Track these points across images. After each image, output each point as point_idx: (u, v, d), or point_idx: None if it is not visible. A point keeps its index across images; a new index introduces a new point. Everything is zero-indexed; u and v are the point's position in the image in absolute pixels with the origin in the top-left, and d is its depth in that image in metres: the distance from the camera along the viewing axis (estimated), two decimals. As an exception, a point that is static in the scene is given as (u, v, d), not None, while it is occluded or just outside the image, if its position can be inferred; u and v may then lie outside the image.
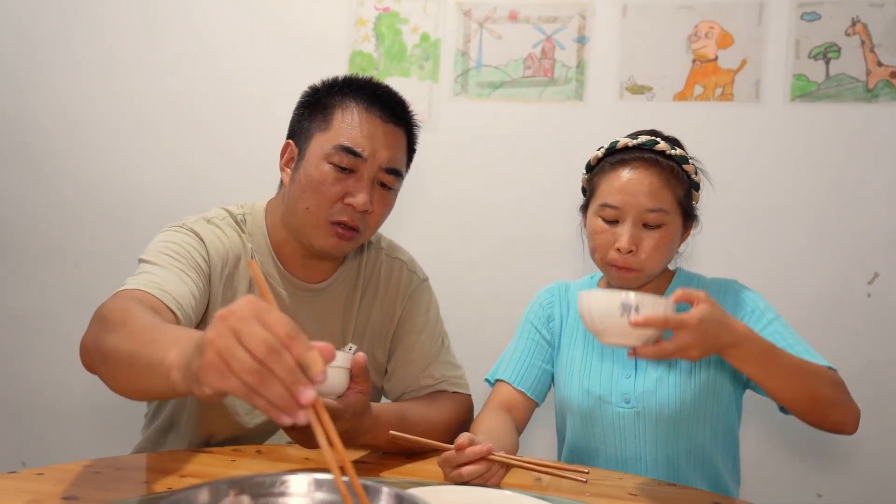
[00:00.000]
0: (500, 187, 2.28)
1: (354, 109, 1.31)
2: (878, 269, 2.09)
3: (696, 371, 1.37)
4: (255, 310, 0.69)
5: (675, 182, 1.33)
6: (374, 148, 1.30)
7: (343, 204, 1.29)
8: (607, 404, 1.40)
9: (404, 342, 1.46)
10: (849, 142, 2.09)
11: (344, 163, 1.29)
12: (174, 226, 1.32)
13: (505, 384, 1.47)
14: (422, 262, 1.57)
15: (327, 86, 1.36)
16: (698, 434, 1.38)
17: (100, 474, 1.09)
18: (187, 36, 2.42)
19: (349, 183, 1.29)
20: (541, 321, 1.51)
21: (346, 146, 1.28)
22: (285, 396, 0.67)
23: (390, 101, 1.34)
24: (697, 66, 2.16)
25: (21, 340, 2.52)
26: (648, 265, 1.33)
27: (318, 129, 1.32)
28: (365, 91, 1.33)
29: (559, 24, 2.24)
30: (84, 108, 2.48)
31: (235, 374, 0.68)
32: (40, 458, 2.43)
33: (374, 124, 1.31)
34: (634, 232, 1.31)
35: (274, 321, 0.68)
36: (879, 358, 2.09)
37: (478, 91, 2.28)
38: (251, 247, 1.37)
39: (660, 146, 1.35)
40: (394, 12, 2.32)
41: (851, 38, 2.07)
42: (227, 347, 0.68)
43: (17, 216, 2.52)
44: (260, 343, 0.67)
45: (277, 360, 0.67)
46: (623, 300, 1.04)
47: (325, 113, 1.32)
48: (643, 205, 1.31)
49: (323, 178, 1.29)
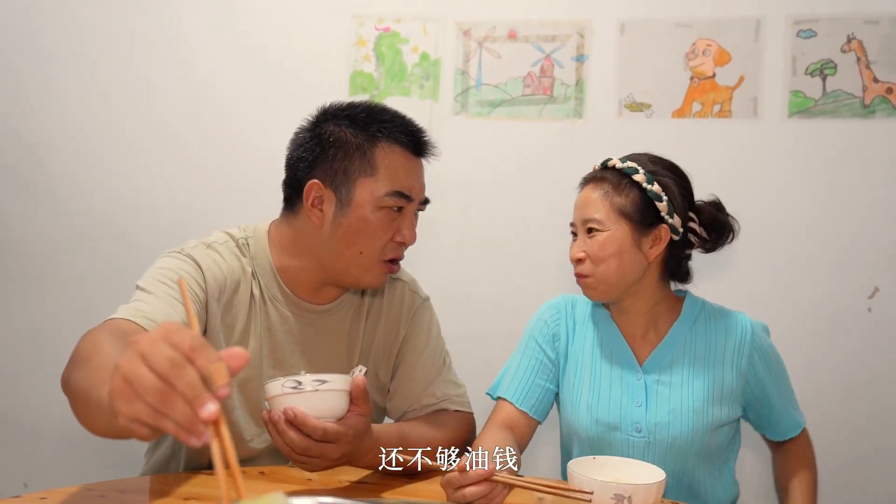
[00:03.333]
0: (501, 205, 2.29)
1: (397, 150, 1.32)
2: (878, 283, 2.10)
3: (707, 404, 1.39)
4: (164, 331, 0.67)
5: (612, 193, 1.40)
6: (419, 186, 1.36)
7: (395, 243, 1.33)
8: (617, 432, 1.41)
9: (406, 361, 1.47)
10: (846, 157, 2.10)
11: (399, 205, 1.32)
12: (173, 251, 1.32)
13: (506, 403, 1.47)
14: (423, 279, 1.57)
15: (357, 125, 1.32)
16: (696, 462, 1.40)
17: (103, 497, 1.09)
18: (193, 56, 2.44)
19: (399, 221, 1.33)
20: (545, 339, 1.51)
21: (400, 192, 1.31)
22: (188, 414, 0.64)
23: (420, 135, 1.37)
24: (695, 83, 2.18)
25: (25, 361, 2.53)
26: (596, 271, 1.40)
27: (361, 174, 1.30)
28: (399, 129, 1.34)
29: (558, 43, 2.26)
30: (91, 127, 2.49)
31: (140, 397, 0.65)
32: (43, 481, 2.43)
33: (413, 162, 1.35)
34: (581, 242, 1.43)
35: (181, 339, 0.66)
36: (880, 372, 2.09)
37: (478, 110, 2.30)
38: (251, 270, 1.37)
39: (610, 162, 1.44)
40: (394, 32, 2.34)
41: (847, 54, 2.09)
42: (132, 370, 0.66)
43: (23, 236, 2.53)
44: (163, 360, 0.65)
45: (179, 374, 0.64)
46: (616, 491, 1.05)
47: (366, 156, 1.31)
48: (582, 216, 1.43)
49: (380, 223, 1.31)
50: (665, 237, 1.42)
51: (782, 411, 1.46)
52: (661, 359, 1.42)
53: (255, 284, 1.37)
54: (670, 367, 1.42)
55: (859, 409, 2.11)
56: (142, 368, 0.65)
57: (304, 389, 1.07)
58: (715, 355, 1.41)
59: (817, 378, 2.09)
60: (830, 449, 2.08)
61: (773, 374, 1.44)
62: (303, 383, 1.08)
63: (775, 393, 1.44)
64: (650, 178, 1.40)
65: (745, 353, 1.41)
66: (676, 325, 1.44)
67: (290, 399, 1.08)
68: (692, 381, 1.40)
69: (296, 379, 1.08)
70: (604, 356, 1.46)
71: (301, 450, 1.08)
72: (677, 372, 1.41)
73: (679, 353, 1.42)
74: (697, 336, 1.43)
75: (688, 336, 1.43)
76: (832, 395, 2.10)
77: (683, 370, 1.41)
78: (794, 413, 1.49)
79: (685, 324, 1.44)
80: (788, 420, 1.47)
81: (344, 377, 1.12)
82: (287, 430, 1.06)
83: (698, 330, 1.44)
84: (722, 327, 1.43)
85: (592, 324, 1.50)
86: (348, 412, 1.12)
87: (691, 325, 1.44)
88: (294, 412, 1.06)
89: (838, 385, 2.10)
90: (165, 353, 0.65)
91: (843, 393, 2.10)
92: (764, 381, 1.42)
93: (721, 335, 1.42)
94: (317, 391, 1.08)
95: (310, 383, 1.08)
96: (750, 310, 1.49)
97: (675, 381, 1.40)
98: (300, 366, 1.37)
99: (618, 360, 1.45)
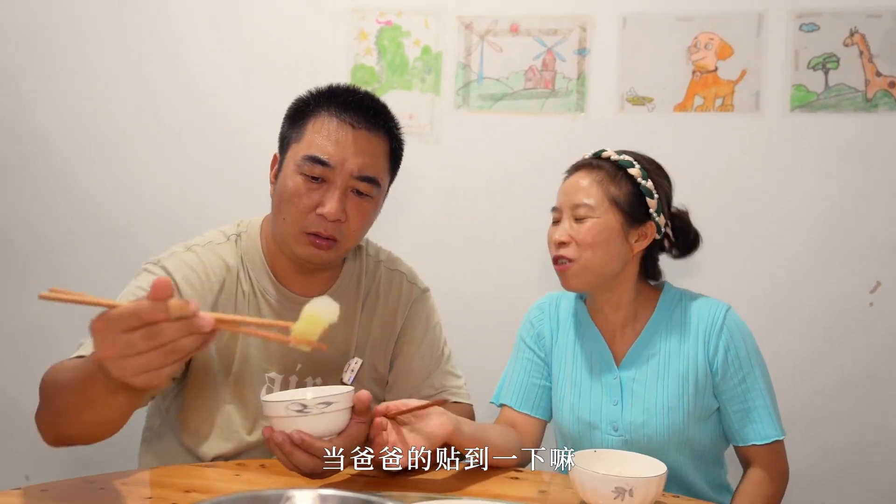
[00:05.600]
0: (502, 198, 2.29)
1: (325, 117, 1.30)
2: (880, 278, 2.09)
3: (682, 399, 1.38)
4: (106, 314, 0.80)
5: (607, 181, 1.40)
6: (344, 156, 1.28)
7: (316, 215, 1.28)
8: (596, 430, 1.42)
9: (404, 353, 1.47)
10: (848, 151, 2.10)
11: (315, 172, 1.28)
12: (149, 263, 1.33)
13: (508, 408, 1.49)
14: (424, 271, 1.57)
15: (307, 96, 1.36)
16: (682, 459, 1.40)
17: (104, 490, 1.09)
18: (192, 51, 2.43)
19: (321, 193, 1.28)
20: (532, 339, 1.53)
21: (313, 156, 1.27)
22: (180, 327, 0.79)
23: (364, 106, 1.32)
24: (697, 77, 2.17)
25: (24, 355, 2.53)
26: (581, 255, 1.38)
27: (293, 140, 1.32)
28: (338, 98, 1.32)
29: (560, 37, 2.25)
30: (89, 122, 2.48)
31: (132, 348, 0.79)
32: (45, 473, 2.43)
33: (343, 131, 1.29)
34: (566, 226, 1.41)
35: (120, 310, 0.79)
36: (882, 367, 2.09)
37: (479, 103, 2.29)
38: (240, 265, 1.36)
39: (605, 154, 1.43)
40: (395, 26, 2.34)
41: (850, 48, 2.08)
42: (113, 338, 0.80)
43: (20, 231, 2.53)
44: (128, 317, 0.78)
45: (150, 319, 0.78)
46: (617, 484, 1.05)
47: (301, 123, 1.32)
48: (572, 200, 1.41)
49: (296, 188, 1.28)
50: (651, 234, 1.43)
51: (747, 411, 1.37)
52: (636, 356, 1.42)
53: (246, 279, 1.36)
54: (646, 363, 1.41)
55: (860, 403, 2.10)
56: (119, 334, 0.79)
57: (309, 413, 1.06)
58: (688, 347, 1.40)
59: (819, 372, 2.09)
60: (832, 444, 2.09)
61: (742, 371, 1.37)
62: (308, 406, 1.06)
63: (742, 401, 1.37)
64: (645, 174, 1.41)
65: (714, 343, 1.38)
66: (652, 320, 1.44)
67: (295, 422, 1.06)
68: (667, 377, 1.39)
69: (300, 402, 1.06)
70: (584, 355, 1.47)
71: (310, 469, 1.08)
72: (652, 368, 1.40)
73: (654, 348, 1.42)
74: (672, 329, 1.42)
75: (664, 330, 1.42)
76: (833, 389, 2.10)
77: (658, 366, 1.40)
78: (765, 418, 1.37)
79: (661, 318, 1.43)
80: (754, 425, 1.37)
81: (347, 393, 1.11)
82: (294, 452, 1.06)
83: (674, 322, 1.43)
84: (696, 318, 1.41)
85: (574, 322, 1.50)
86: (350, 421, 1.12)
87: (668, 319, 1.43)
88: (301, 437, 1.05)
89: (840, 379, 2.10)
90: (139, 336, 0.79)
91: (845, 388, 2.10)
92: (728, 375, 1.37)
93: (694, 326, 1.41)
94: (323, 413, 1.07)
95: (315, 406, 1.06)
96: (750, 304, 1.49)
97: (651, 378, 1.40)
98: (294, 359, 1.36)
99: (596, 358, 1.46)
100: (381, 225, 1.42)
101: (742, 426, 1.38)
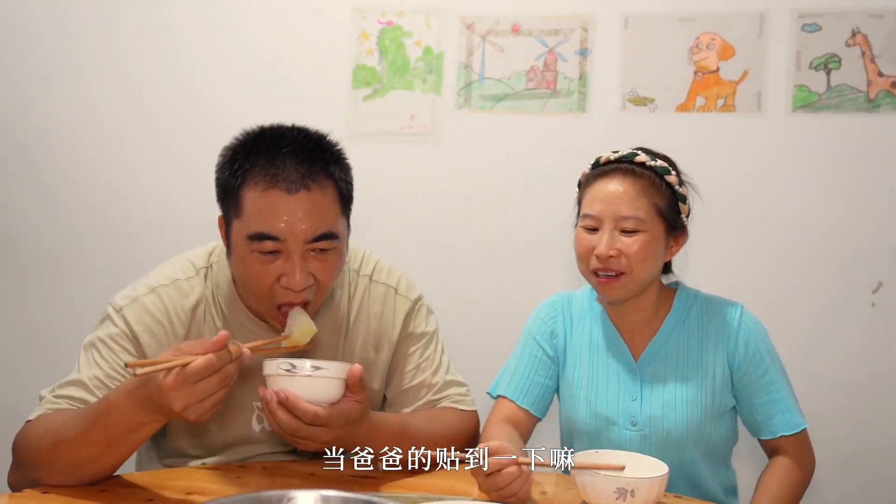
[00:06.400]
0: (503, 199, 2.29)
1: (260, 186, 1.18)
2: (881, 278, 2.09)
3: (700, 394, 1.38)
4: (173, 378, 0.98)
5: (652, 191, 1.36)
6: (291, 224, 1.17)
7: (282, 287, 1.20)
8: (614, 426, 1.41)
9: (401, 369, 1.42)
10: (851, 152, 2.09)
11: (266, 248, 1.18)
12: (112, 308, 1.28)
13: (507, 400, 1.47)
14: (423, 272, 1.56)
15: (230, 154, 1.25)
16: (697, 455, 1.40)
17: (105, 492, 1.09)
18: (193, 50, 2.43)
19: (279, 264, 1.19)
20: (543, 337, 1.51)
21: (259, 234, 1.18)
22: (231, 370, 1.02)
23: (296, 157, 1.20)
24: (699, 77, 2.17)
25: (25, 356, 2.53)
26: (633, 269, 1.34)
27: (233, 215, 1.22)
28: (263, 165, 1.20)
29: (561, 37, 2.25)
30: (90, 123, 2.48)
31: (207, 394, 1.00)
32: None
33: (280, 201, 1.17)
34: (612, 238, 1.35)
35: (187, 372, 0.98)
36: (884, 367, 2.09)
37: (481, 103, 2.29)
38: (207, 301, 1.32)
39: (639, 158, 1.38)
40: (397, 26, 2.34)
41: (852, 48, 2.08)
42: (194, 390, 0.99)
43: (23, 231, 2.53)
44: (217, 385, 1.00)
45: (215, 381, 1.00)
46: (619, 485, 1.05)
47: (234, 193, 1.22)
48: (619, 212, 1.35)
49: (251, 269, 1.20)
50: (683, 240, 1.43)
51: (772, 403, 1.38)
52: (655, 353, 1.42)
53: (219, 314, 1.31)
54: (664, 360, 1.41)
55: (862, 403, 2.10)
56: (192, 385, 0.98)
57: (297, 373, 1.09)
58: (707, 346, 1.40)
59: (820, 373, 2.09)
60: (833, 444, 2.08)
61: (763, 364, 1.39)
62: (297, 367, 1.09)
63: (763, 395, 1.39)
64: (680, 180, 1.40)
65: (734, 340, 1.39)
66: (669, 319, 1.43)
67: (283, 381, 1.09)
68: (685, 374, 1.40)
69: (290, 362, 1.09)
70: (601, 351, 1.46)
71: (291, 431, 1.09)
72: (671, 365, 1.41)
73: (673, 346, 1.42)
74: (690, 328, 1.43)
75: (681, 328, 1.43)
76: (835, 390, 2.10)
77: (677, 363, 1.41)
78: (790, 408, 1.39)
79: (678, 316, 1.44)
80: (781, 416, 1.38)
81: (340, 365, 1.12)
82: (276, 411, 1.08)
83: (691, 321, 1.43)
84: (713, 317, 1.42)
85: (589, 320, 1.50)
86: (343, 397, 1.12)
87: (684, 318, 1.44)
88: (286, 394, 1.07)
89: (841, 380, 2.10)
90: (201, 368, 0.99)
91: (847, 388, 2.10)
92: (751, 370, 1.38)
93: (712, 325, 1.42)
94: (310, 376, 1.09)
95: (304, 367, 1.09)
96: (753, 304, 1.48)
97: (669, 374, 1.40)
98: None
99: (614, 355, 1.45)
100: (380, 225, 1.42)
101: (769, 418, 1.39)
